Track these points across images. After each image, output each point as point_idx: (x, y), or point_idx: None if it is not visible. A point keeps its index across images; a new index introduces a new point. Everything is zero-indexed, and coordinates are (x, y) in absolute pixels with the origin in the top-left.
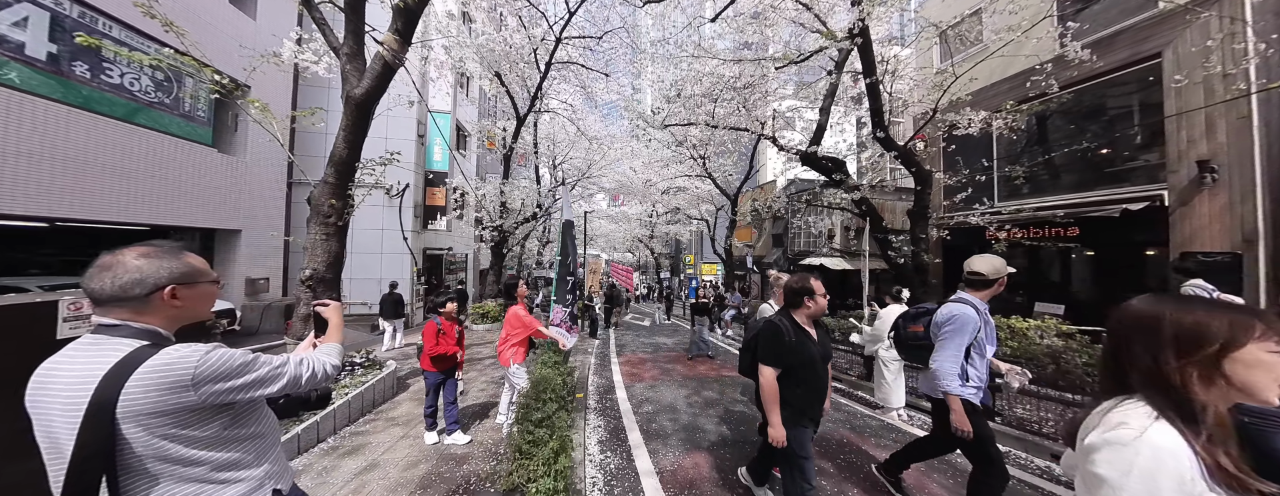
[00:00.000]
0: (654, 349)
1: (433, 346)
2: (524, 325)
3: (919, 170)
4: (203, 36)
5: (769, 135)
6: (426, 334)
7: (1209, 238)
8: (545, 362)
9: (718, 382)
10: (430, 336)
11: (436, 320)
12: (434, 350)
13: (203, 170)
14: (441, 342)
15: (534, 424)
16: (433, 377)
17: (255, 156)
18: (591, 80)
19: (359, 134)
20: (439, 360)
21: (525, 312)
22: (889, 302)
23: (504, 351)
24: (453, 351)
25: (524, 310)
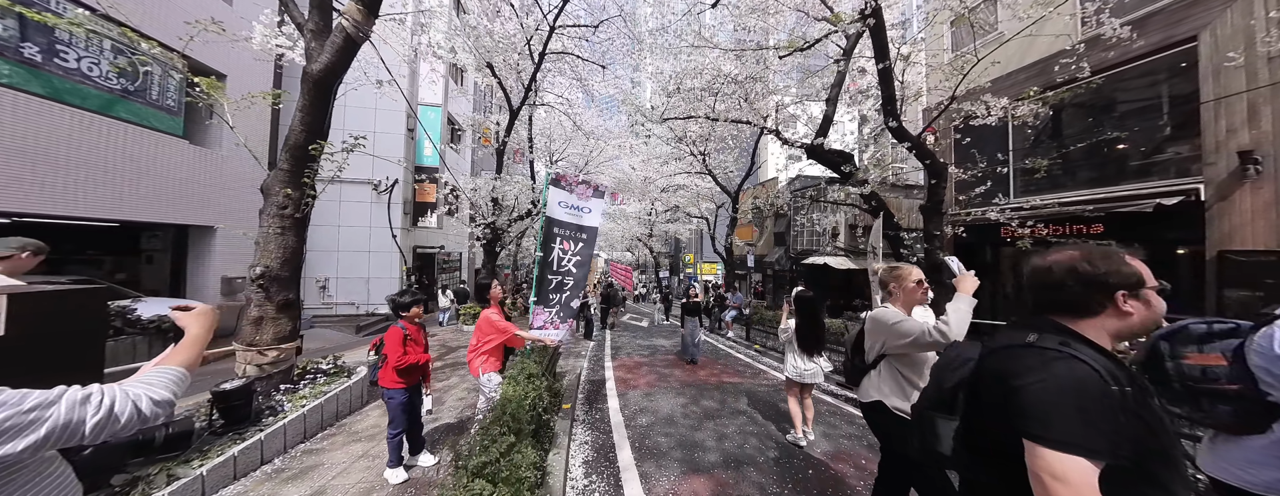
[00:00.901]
0: (651, 352)
1: (400, 356)
2: (497, 330)
3: (933, 163)
4: (171, 18)
5: (773, 129)
6: (391, 342)
7: (1251, 235)
8: (518, 375)
9: (718, 390)
10: (396, 344)
11: (401, 325)
12: (402, 360)
13: (174, 163)
14: (411, 351)
15: (472, 472)
16: (400, 396)
17: (232, 149)
18: (588, 73)
19: (318, 115)
20: (409, 372)
21: (499, 316)
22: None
23: (474, 359)
24: (425, 359)
25: (498, 313)
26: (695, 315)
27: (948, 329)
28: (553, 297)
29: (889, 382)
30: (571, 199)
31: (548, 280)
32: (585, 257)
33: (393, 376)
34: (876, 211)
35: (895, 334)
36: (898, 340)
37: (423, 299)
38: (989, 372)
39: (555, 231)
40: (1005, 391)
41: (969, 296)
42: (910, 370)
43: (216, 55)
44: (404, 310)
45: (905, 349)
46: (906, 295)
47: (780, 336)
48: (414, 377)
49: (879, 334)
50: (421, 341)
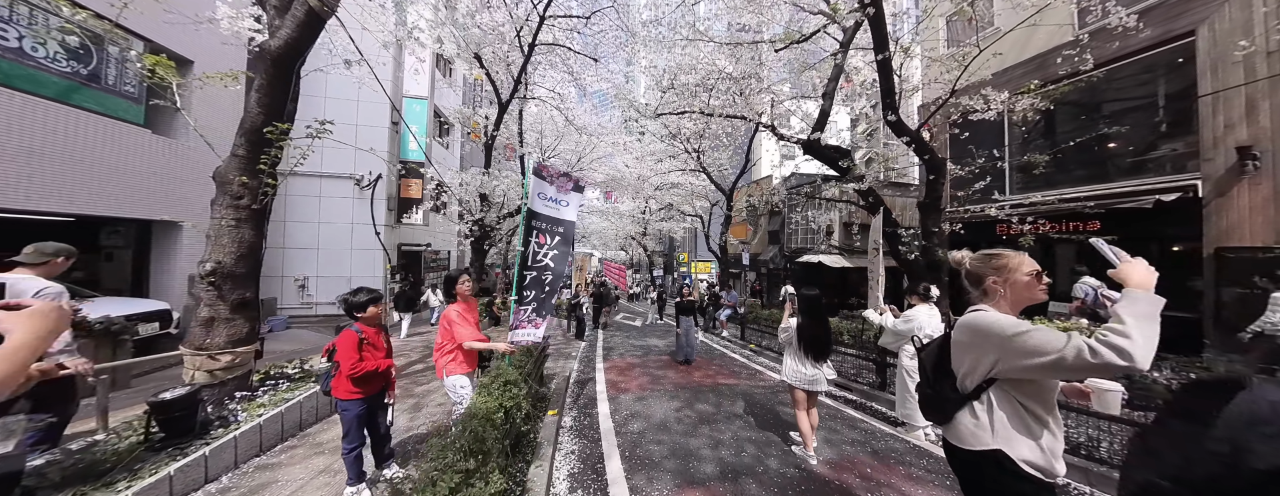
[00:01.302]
0: (644, 352)
1: (355, 363)
2: (448, 337)
3: (932, 158)
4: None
5: (768, 124)
6: (344, 348)
7: (1249, 231)
8: (493, 383)
9: (714, 392)
10: (350, 350)
11: (358, 331)
12: (358, 368)
13: (134, 153)
14: (369, 356)
15: None
16: (355, 408)
17: (200, 140)
18: (581, 67)
19: (277, 97)
20: (367, 381)
21: (459, 313)
22: (916, 302)
23: (439, 359)
24: (386, 366)
25: (461, 310)
26: (690, 314)
27: (1129, 347)
28: (529, 294)
29: (1009, 422)
30: (551, 191)
31: (524, 276)
32: (562, 252)
33: (347, 386)
34: (874, 208)
35: (1021, 350)
36: (1026, 359)
37: (379, 297)
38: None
39: (534, 224)
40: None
41: (1150, 294)
42: (1037, 403)
43: (183, 39)
44: (359, 311)
45: (1039, 373)
46: (1016, 293)
47: (780, 337)
48: (374, 386)
49: (986, 349)
50: (382, 345)
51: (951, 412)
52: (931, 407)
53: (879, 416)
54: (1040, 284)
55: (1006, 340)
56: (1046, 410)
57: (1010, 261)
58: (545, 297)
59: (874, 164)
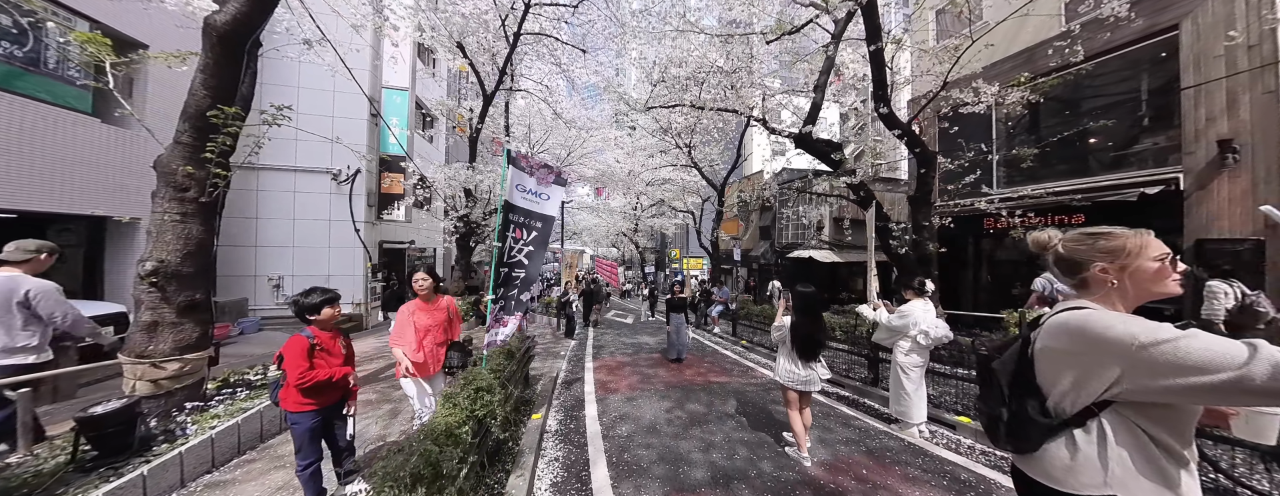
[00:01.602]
0: (635, 350)
1: (303, 372)
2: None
3: (923, 151)
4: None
5: (759, 118)
6: (292, 355)
7: (1228, 223)
8: (459, 393)
9: (705, 391)
10: (299, 358)
11: (308, 335)
12: (306, 377)
13: (82, 145)
14: (320, 365)
15: None
16: (307, 421)
17: (159, 131)
18: (569, 58)
19: (225, 79)
20: (318, 392)
21: (410, 313)
22: (911, 297)
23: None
24: (341, 374)
25: (414, 309)
26: (681, 311)
27: None
28: (498, 291)
29: (1130, 460)
30: (529, 182)
31: (499, 272)
32: (539, 248)
33: (297, 396)
34: (866, 202)
35: (1167, 365)
36: (1174, 378)
37: (335, 297)
38: None
39: (511, 218)
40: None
41: None
42: (1171, 434)
43: (134, 21)
44: (311, 313)
45: (1193, 397)
46: (1138, 286)
47: (773, 335)
48: (330, 397)
49: (1103, 361)
50: (338, 351)
51: (1039, 441)
52: (1011, 433)
53: (872, 413)
54: (1173, 272)
55: (1139, 351)
56: (1183, 443)
57: (1128, 242)
58: (515, 295)
59: (865, 158)
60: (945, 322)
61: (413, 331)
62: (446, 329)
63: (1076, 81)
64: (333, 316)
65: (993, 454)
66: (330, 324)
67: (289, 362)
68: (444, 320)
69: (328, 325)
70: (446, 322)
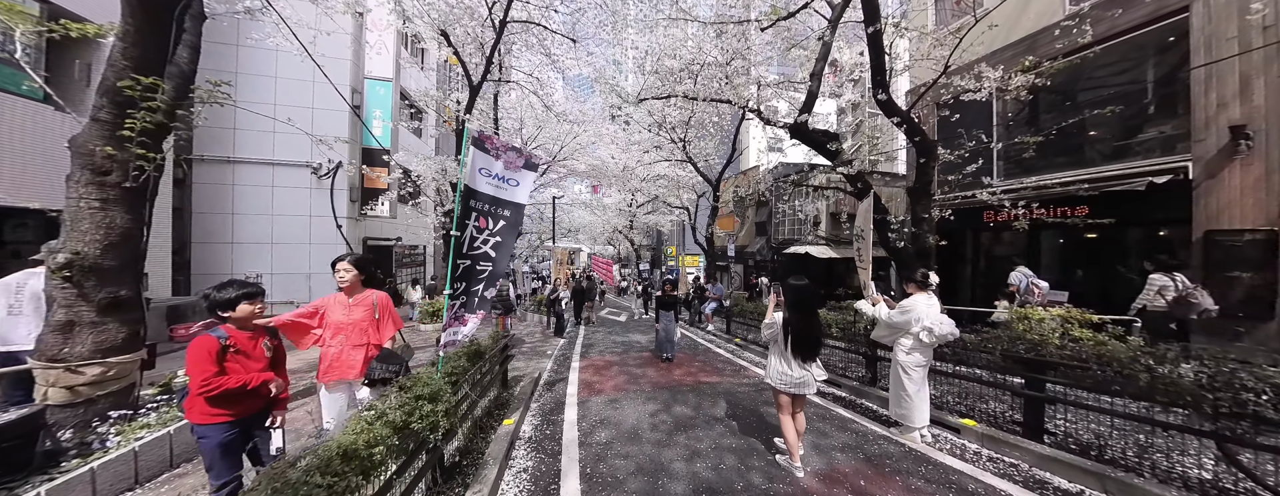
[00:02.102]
0: (624, 348)
1: (207, 378)
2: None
3: (923, 140)
4: None
5: (754, 109)
6: (196, 357)
7: (1240, 213)
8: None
9: (694, 393)
10: (204, 361)
11: (219, 335)
12: (211, 384)
13: (34, 133)
14: (234, 369)
15: None
16: (217, 435)
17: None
18: (559, 49)
19: (150, 49)
20: (231, 401)
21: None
22: (914, 291)
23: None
24: (260, 381)
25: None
26: (671, 309)
27: None
28: (459, 286)
29: None
30: (496, 166)
31: (456, 265)
32: (506, 240)
33: (203, 406)
34: (863, 194)
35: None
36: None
37: (260, 291)
38: None
39: (472, 205)
40: None
41: None
42: None
43: (89, 2)
44: (226, 309)
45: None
46: None
47: (763, 333)
48: (249, 406)
49: None
50: (259, 354)
51: None
52: None
53: (871, 415)
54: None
55: None
56: None
57: None
58: (478, 290)
59: (862, 149)
60: (950, 319)
61: (326, 329)
62: (368, 330)
63: (1081, 68)
64: (251, 314)
65: (1002, 460)
66: (249, 322)
67: (191, 366)
68: (365, 319)
69: (246, 324)
70: (369, 323)
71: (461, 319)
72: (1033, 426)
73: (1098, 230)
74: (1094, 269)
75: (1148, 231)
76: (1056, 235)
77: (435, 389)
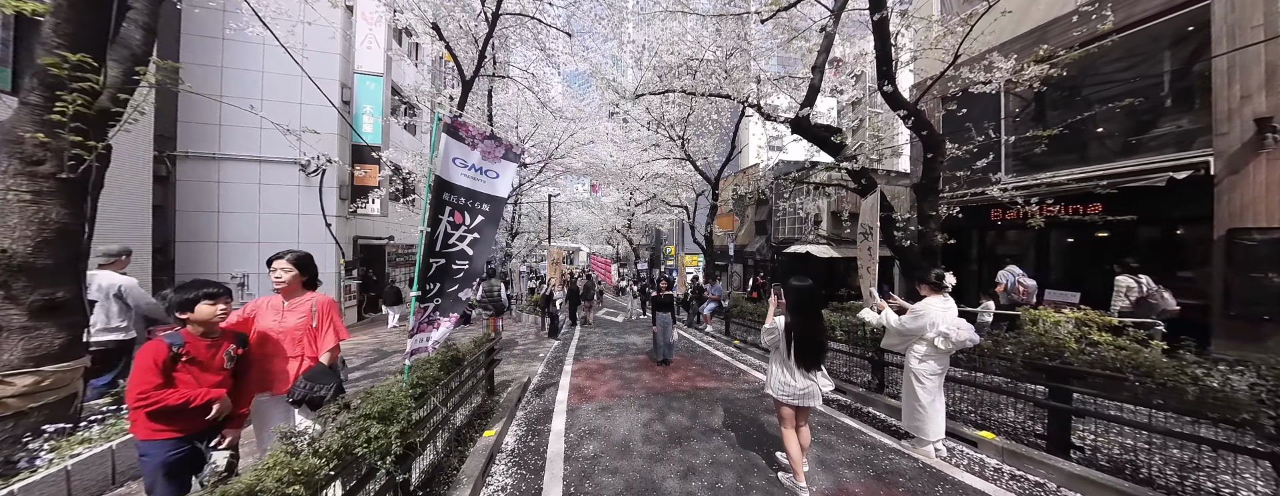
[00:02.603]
0: (620, 351)
1: (148, 391)
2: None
3: (930, 134)
4: None
5: (754, 104)
6: (138, 366)
7: (1266, 210)
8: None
9: (690, 399)
10: (145, 369)
11: (173, 340)
12: (150, 398)
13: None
14: (184, 381)
15: None
16: (159, 454)
17: None
18: (556, 44)
19: (86, 25)
20: (174, 416)
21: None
22: (927, 293)
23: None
24: (205, 398)
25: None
26: (667, 310)
27: None
28: (431, 287)
29: None
30: (472, 156)
31: (428, 264)
32: (485, 236)
33: (145, 420)
34: (868, 190)
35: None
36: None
37: (223, 291)
38: None
39: (446, 198)
40: None
41: None
42: None
43: None
44: (184, 310)
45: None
46: None
47: (764, 339)
48: (199, 423)
49: None
50: (216, 366)
51: None
52: None
53: (879, 425)
54: None
55: None
56: None
57: None
58: (453, 292)
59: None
60: (969, 322)
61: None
62: (303, 340)
63: (1094, 60)
64: (212, 317)
65: (1026, 478)
66: (212, 327)
67: (133, 375)
68: (299, 327)
69: (209, 328)
70: (305, 331)
71: (434, 323)
72: (1058, 440)
73: (1111, 228)
74: (1105, 269)
75: (1165, 229)
76: (1066, 234)
77: (388, 406)
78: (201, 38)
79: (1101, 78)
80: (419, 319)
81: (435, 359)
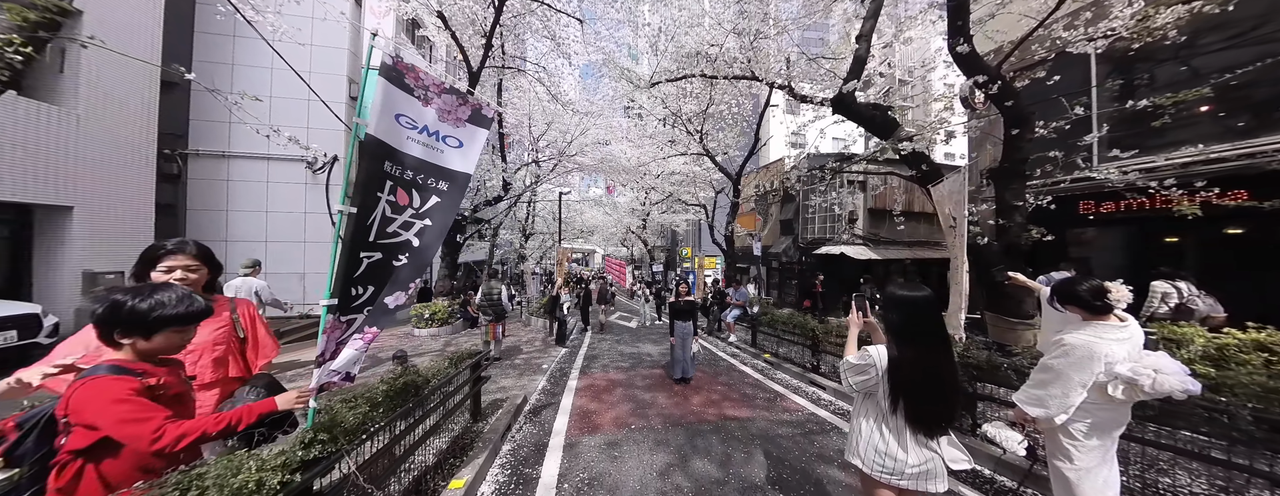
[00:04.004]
0: (633, 363)
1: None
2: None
3: (1016, 106)
4: None
5: (784, 84)
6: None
7: None
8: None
9: (718, 435)
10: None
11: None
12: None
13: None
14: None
15: None
16: None
17: (95, 108)
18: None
19: None
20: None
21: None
22: (1081, 315)
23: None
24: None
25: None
26: (688, 319)
27: None
28: (359, 292)
29: None
30: (425, 116)
31: (356, 259)
32: (439, 223)
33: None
34: (929, 177)
35: None
36: None
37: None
38: None
39: (387, 169)
40: None
41: None
42: None
43: None
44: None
45: None
46: None
47: (848, 380)
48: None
49: None
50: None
51: None
52: None
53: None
54: None
55: None
56: None
57: None
58: (384, 297)
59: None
60: (1177, 362)
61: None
62: (227, 361)
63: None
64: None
65: None
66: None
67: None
68: (219, 342)
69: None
70: (227, 349)
71: (364, 334)
72: None
73: (1244, 222)
74: (1243, 272)
75: None
76: (1179, 228)
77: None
78: (214, 36)
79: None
80: (333, 337)
81: (372, 392)
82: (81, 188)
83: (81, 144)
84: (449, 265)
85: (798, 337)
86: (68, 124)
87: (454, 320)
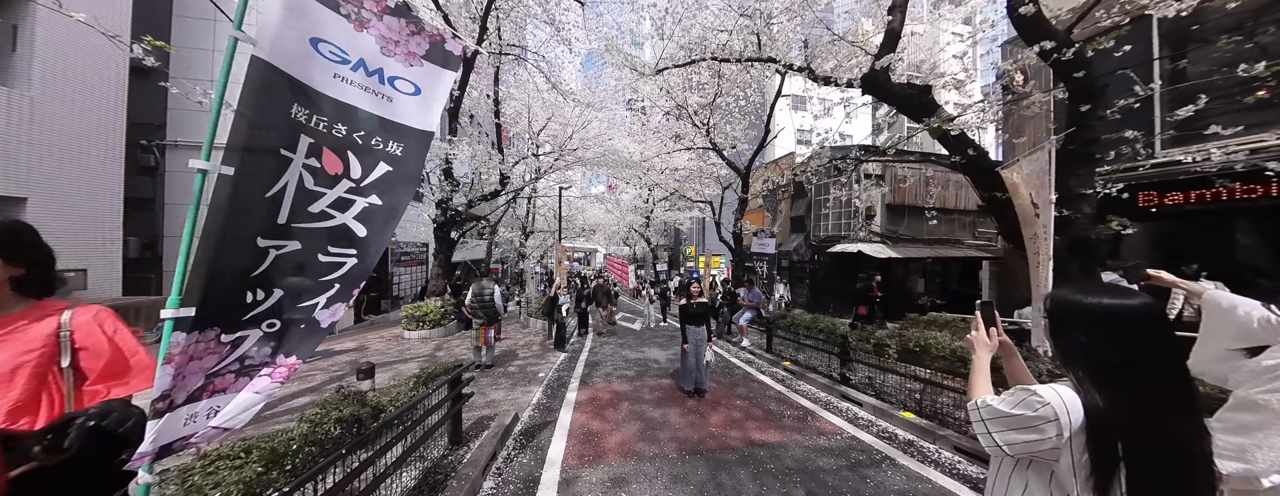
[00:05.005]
0: (639, 370)
1: None
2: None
3: (1086, 78)
4: None
5: (802, 66)
6: None
7: None
8: None
9: (747, 468)
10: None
11: None
12: None
13: None
14: None
15: None
16: None
17: (53, 91)
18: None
19: None
20: None
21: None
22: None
23: None
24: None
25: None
26: (701, 322)
27: None
28: (260, 298)
29: None
30: (361, 46)
31: (262, 250)
32: (392, 203)
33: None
34: (974, 164)
35: None
36: None
37: None
38: None
39: (294, 115)
40: None
41: None
42: None
43: None
44: None
45: None
46: None
47: (999, 437)
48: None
49: None
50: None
51: None
52: None
53: None
54: None
55: None
56: None
57: None
58: (309, 310)
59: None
60: None
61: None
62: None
63: None
64: None
65: None
66: None
67: None
68: (28, 363)
69: None
70: (38, 368)
71: (275, 368)
72: None
73: None
74: None
75: None
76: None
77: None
78: (194, 19)
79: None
80: (193, 368)
81: (266, 445)
82: (37, 177)
83: (37, 129)
84: (443, 262)
85: (822, 343)
86: (21, 107)
87: (447, 322)
